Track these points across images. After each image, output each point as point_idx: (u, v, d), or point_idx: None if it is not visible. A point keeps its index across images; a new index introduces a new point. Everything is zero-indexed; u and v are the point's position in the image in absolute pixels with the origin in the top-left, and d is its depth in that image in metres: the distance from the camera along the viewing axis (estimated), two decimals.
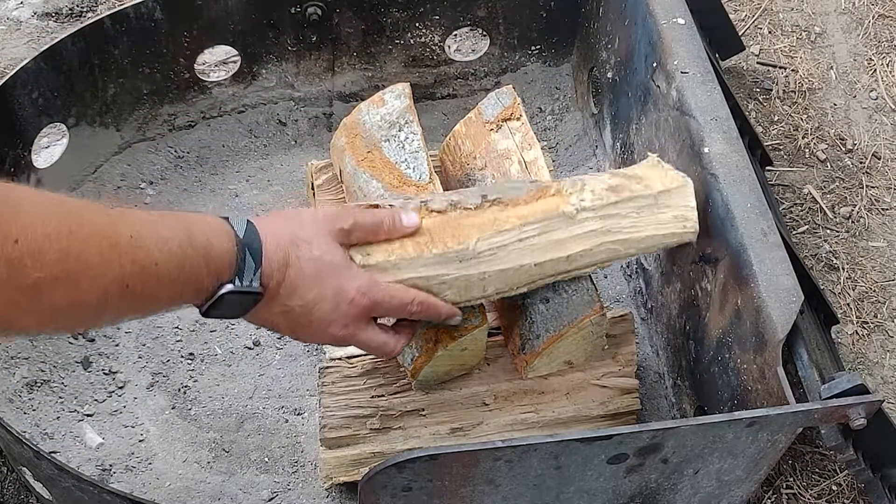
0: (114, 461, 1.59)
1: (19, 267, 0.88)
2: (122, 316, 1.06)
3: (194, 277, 1.07)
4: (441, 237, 1.35)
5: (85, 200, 1.00)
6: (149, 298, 1.03)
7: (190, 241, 1.05)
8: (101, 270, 0.96)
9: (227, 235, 1.10)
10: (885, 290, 1.91)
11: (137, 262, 0.99)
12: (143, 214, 1.04)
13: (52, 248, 0.90)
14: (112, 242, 0.97)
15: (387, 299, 1.26)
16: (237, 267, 1.10)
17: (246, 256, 1.10)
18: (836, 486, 1.68)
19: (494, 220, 1.37)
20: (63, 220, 0.92)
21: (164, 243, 1.02)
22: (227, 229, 1.11)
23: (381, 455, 1.51)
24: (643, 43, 1.67)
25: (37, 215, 0.90)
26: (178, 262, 1.03)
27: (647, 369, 1.72)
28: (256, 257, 1.11)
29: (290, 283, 1.16)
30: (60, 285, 0.92)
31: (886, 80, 2.22)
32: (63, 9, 2.27)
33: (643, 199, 1.43)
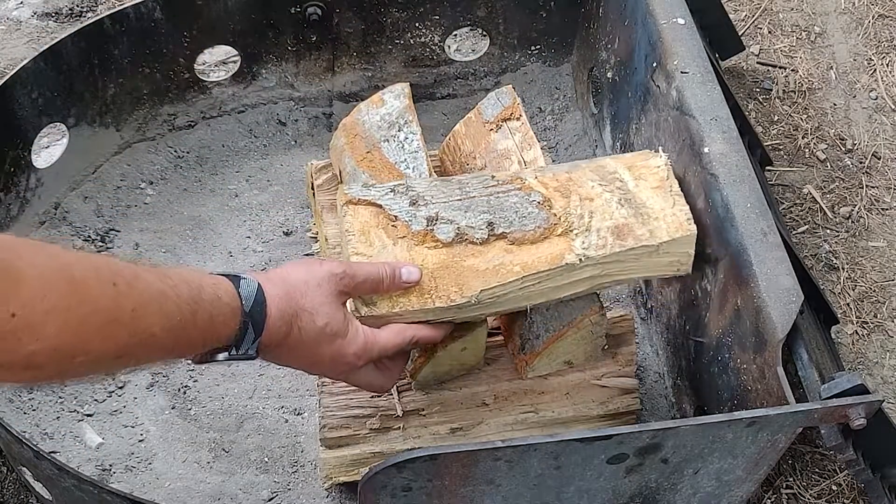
0: (114, 461, 1.59)
1: (13, 340, 0.86)
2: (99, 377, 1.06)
3: (189, 348, 1.10)
4: (445, 287, 1.35)
5: (94, 261, 0.97)
6: (138, 363, 1.04)
7: (194, 319, 1.05)
8: (97, 346, 0.94)
9: (233, 313, 1.12)
10: (884, 290, 1.91)
11: (136, 335, 0.98)
12: (155, 283, 1.02)
13: (49, 323, 0.88)
14: (113, 318, 0.95)
15: (383, 353, 1.33)
16: (237, 338, 1.14)
17: (248, 329, 1.14)
18: (836, 486, 1.68)
19: (499, 267, 1.37)
20: (65, 296, 0.90)
21: (166, 320, 1.02)
22: (235, 305, 1.12)
23: (381, 455, 1.51)
24: (643, 43, 1.67)
25: (38, 288, 0.88)
26: (175, 337, 1.04)
27: (647, 369, 1.72)
28: (258, 329, 1.15)
29: (287, 348, 1.21)
30: (54, 357, 0.91)
31: (886, 80, 2.22)
32: (63, 9, 2.27)
33: (646, 248, 1.42)
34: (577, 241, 1.40)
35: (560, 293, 1.43)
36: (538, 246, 1.39)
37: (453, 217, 1.39)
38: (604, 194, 1.45)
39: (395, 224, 1.38)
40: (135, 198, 1.89)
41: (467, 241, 1.38)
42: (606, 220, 1.42)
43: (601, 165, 1.50)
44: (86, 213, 1.85)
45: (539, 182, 1.46)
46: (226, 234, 1.87)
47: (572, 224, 1.41)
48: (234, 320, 1.12)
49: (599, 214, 1.43)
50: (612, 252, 1.41)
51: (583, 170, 1.49)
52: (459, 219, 1.39)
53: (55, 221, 1.83)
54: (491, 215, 1.40)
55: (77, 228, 1.83)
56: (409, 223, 1.38)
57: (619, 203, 1.44)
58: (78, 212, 1.84)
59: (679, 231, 1.43)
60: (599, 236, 1.41)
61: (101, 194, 1.87)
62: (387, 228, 1.38)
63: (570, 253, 1.39)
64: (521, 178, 1.46)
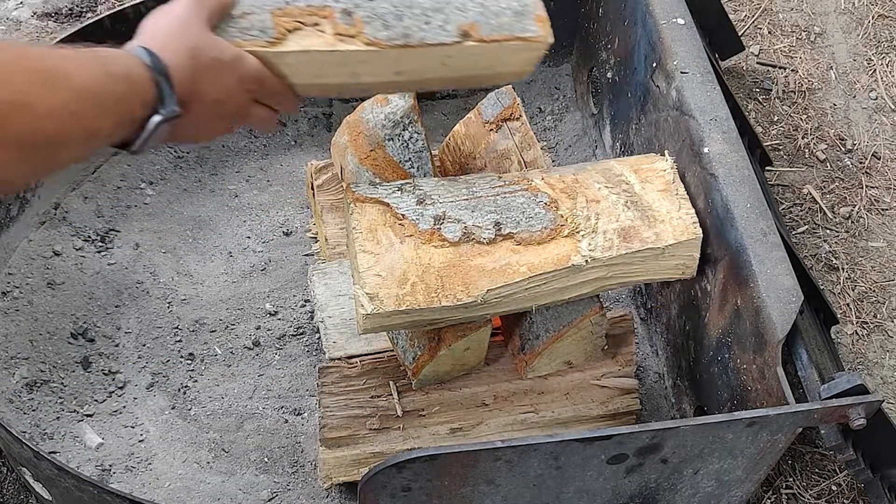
0: (114, 461, 1.59)
1: None
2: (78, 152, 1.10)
3: (126, 105, 1.12)
4: (452, 285, 1.35)
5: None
6: (93, 128, 1.08)
7: (110, 70, 1.10)
8: (47, 95, 1.01)
9: (139, 64, 1.14)
10: (884, 290, 1.91)
11: (72, 88, 1.04)
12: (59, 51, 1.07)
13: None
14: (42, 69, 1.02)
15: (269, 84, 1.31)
16: (157, 95, 1.15)
17: (162, 81, 1.15)
18: (836, 486, 1.68)
19: (505, 267, 1.37)
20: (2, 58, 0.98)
21: (88, 71, 1.07)
22: (136, 58, 1.15)
23: (381, 455, 1.51)
24: (643, 43, 1.67)
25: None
26: (108, 89, 1.08)
27: (647, 369, 1.72)
28: (169, 80, 1.16)
29: (199, 93, 1.21)
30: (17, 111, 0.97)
31: (886, 80, 2.22)
32: (63, 9, 2.27)
33: (652, 251, 1.43)
34: (583, 243, 1.40)
35: (566, 294, 1.43)
36: (545, 247, 1.39)
37: (460, 216, 1.39)
38: (610, 196, 1.45)
39: (403, 222, 1.38)
40: (135, 198, 1.89)
41: (474, 241, 1.38)
42: (613, 222, 1.43)
43: (607, 168, 1.50)
44: (86, 213, 1.85)
45: (546, 183, 1.46)
46: (226, 234, 1.87)
47: (579, 225, 1.41)
48: (145, 75, 1.14)
49: (606, 216, 1.43)
50: (619, 254, 1.41)
51: (589, 172, 1.49)
52: (466, 218, 1.39)
53: (55, 221, 1.83)
54: (498, 215, 1.40)
55: (77, 228, 1.83)
56: (416, 222, 1.38)
57: (626, 205, 1.44)
58: (78, 212, 1.84)
59: (685, 234, 1.43)
60: (606, 238, 1.41)
61: (101, 194, 1.87)
62: (394, 227, 1.38)
63: (576, 254, 1.39)
64: (528, 179, 1.46)
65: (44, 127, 1.01)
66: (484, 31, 1.36)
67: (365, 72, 1.36)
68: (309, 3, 1.33)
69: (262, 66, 1.29)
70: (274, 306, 1.77)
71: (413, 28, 1.35)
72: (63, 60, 1.05)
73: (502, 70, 1.43)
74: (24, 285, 1.75)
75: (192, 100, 1.20)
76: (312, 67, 1.32)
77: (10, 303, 1.72)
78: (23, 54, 1.03)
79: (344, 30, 1.32)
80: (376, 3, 1.35)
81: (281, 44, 1.29)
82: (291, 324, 1.75)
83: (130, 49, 1.16)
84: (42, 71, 1.02)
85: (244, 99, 1.29)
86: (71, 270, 1.78)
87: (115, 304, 1.75)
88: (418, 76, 1.39)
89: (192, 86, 1.20)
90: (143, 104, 1.14)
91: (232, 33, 1.28)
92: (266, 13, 1.30)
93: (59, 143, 1.05)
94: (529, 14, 1.39)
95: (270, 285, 1.80)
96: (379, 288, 1.33)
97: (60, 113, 1.02)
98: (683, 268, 1.47)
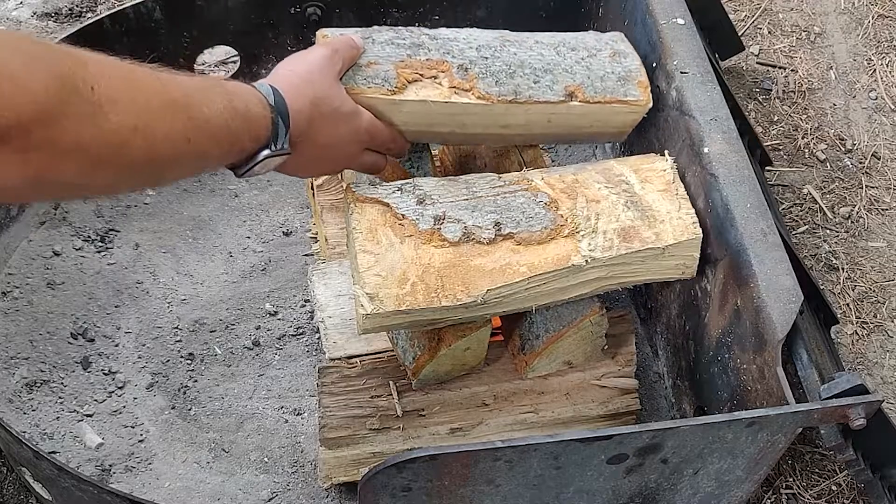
0: (114, 461, 1.59)
1: (101, 114, 0.95)
2: (182, 174, 1.16)
3: (238, 138, 1.18)
4: (452, 285, 1.35)
5: (131, 62, 1.06)
6: (203, 155, 1.13)
7: (232, 105, 1.15)
8: (168, 123, 1.04)
9: (261, 103, 1.21)
10: (884, 290, 1.91)
11: (193, 118, 1.08)
12: (188, 79, 1.12)
13: (123, 97, 0.98)
14: (170, 99, 1.06)
15: (380, 136, 1.42)
16: (272, 132, 1.22)
17: (279, 121, 1.23)
18: (836, 486, 1.68)
19: (505, 267, 1.37)
20: (126, 78, 1.01)
21: (211, 104, 1.12)
22: (260, 97, 1.22)
23: (381, 455, 1.51)
24: (643, 43, 1.67)
25: (103, 68, 0.98)
26: (224, 122, 1.14)
27: (647, 369, 1.72)
28: (286, 121, 1.24)
29: (311, 136, 1.30)
30: (139, 136, 1.00)
31: (886, 80, 2.22)
32: (63, 9, 2.27)
33: (652, 251, 1.43)
34: (583, 243, 1.40)
35: (566, 294, 1.43)
36: (545, 247, 1.39)
37: (460, 216, 1.39)
38: (610, 196, 1.45)
39: (403, 223, 1.38)
40: (135, 198, 1.89)
41: (474, 241, 1.38)
42: (613, 222, 1.43)
43: (607, 168, 1.50)
44: (86, 213, 1.85)
45: (546, 183, 1.46)
46: (226, 234, 1.87)
47: (579, 225, 1.41)
48: (265, 112, 1.21)
49: (606, 216, 1.43)
50: (619, 254, 1.41)
51: (589, 172, 1.49)
52: (466, 218, 1.39)
53: (55, 221, 1.83)
54: (498, 215, 1.40)
55: (77, 228, 1.83)
56: (416, 222, 1.38)
57: (626, 205, 1.44)
58: (78, 212, 1.84)
59: (685, 234, 1.44)
60: (606, 238, 1.41)
61: None
62: (394, 227, 1.38)
63: (576, 254, 1.39)
64: (528, 179, 1.47)
65: (158, 152, 1.04)
66: (589, 92, 1.50)
67: (473, 123, 1.48)
68: (429, 58, 1.46)
69: (375, 120, 1.41)
70: (274, 306, 1.77)
71: (523, 86, 1.47)
72: (189, 89, 1.10)
73: (602, 130, 1.56)
74: (24, 285, 1.75)
75: (304, 142, 1.28)
76: (427, 116, 1.45)
77: (10, 303, 1.72)
78: (153, 79, 1.06)
79: (459, 83, 1.45)
80: (490, 62, 1.48)
81: (401, 93, 1.42)
82: (291, 324, 1.75)
83: (260, 85, 1.24)
84: (169, 100, 1.06)
85: (355, 148, 1.40)
86: (71, 270, 1.78)
87: (115, 304, 1.75)
88: (524, 130, 1.52)
89: (308, 130, 1.29)
90: (254, 139, 1.21)
91: (358, 81, 1.40)
92: (390, 64, 1.43)
93: (168, 166, 1.09)
94: (633, 79, 1.53)
95: (270, 285, 1.80)
96: (379, 288, 1.33)
97: (177, 140, 1.07)
98: (683, 268, 1.47)
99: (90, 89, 0.94)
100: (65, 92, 0.92)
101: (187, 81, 1.12)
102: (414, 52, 1.46)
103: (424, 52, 1.46)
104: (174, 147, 1.06)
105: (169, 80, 1.09)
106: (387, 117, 1.43)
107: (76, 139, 0.94)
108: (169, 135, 1.05)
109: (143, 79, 1.04)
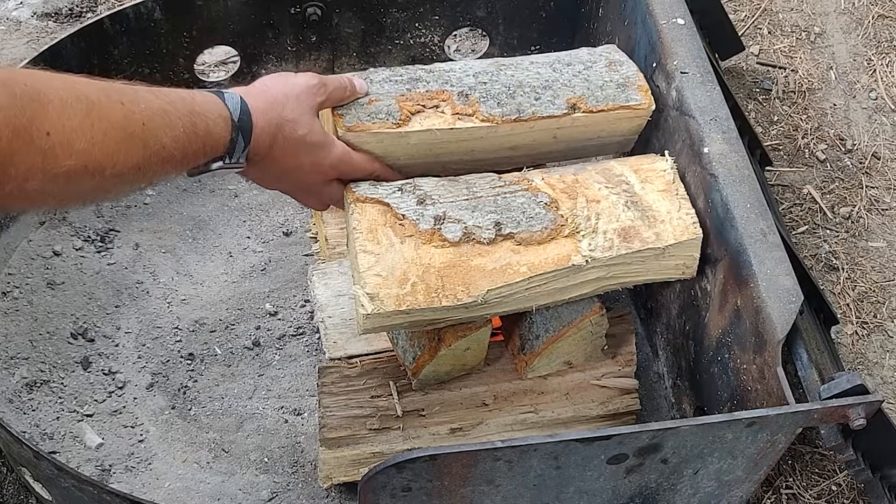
0: (113, 461, 1.59)
1: (52, 157, 0.99)
2: (127, 193, 1.20)
3: (193, 159, 1.21)
4: (452, 285, 1.35)
5: (102, 85, 1.09)
6: (152, 176, 1.16)
7: (194, 129, 1.17)
8: (121, 159, 1.07)
9: (225, 122, 1.22)
10: (884, 290, 1.91)
11: (149, 148, 1.11)
12: (155, 101, 1.14)
13: (78, 139, 1.02)
14: (129, 133, 1.08)
15: (352, 172, 1.42)
16: (229, 148, 1.24)
17: (238, 138, 1.24)
18: (836, 486, 1.68)
19: (506, 267, 1.37)
20: (86, 115, 1.03)
21: (171, 131, 1.14)
22: (226, 115, 1.23)
23: (381, 455, 1.51)
24: (643, 43, 1.67)
25: (63, 109, 1.01)
26: (181, 147, 1.16)
27: (647, 369, 1.72)
28: (247, 138, 1.25)
29: (272, 157, 1.31)
30: (88, 174, 1.03)
31: (886, 80, 2.22)
32: (63, 9, 2.27)
33: (652, 251, 1.43)
34: (583, 243, 1.40)
35: (566, 294, 1.43)
36: (545, 247, 1.39)
37: (461, 216, 1.39)
38: (610, 196, 1.45)
39: (403, 223, 1.38)
40: (135, 198, 1.89)
41: (474, 241, 1.38)
42: (613, 222, 1.43)
43: (607, 168, 1.50)
44: (86, 213, 1.85)
45: (546, 183, 1.46)
46: (226, 234, 1.87)
47: (579, 225, 1.41)
48: (226, 130, 1.22)
49: (606, 216, 1.43)
50: (619, 254, 1.41)
51: (589, 172, 1.49)
52: (467, 218, 1.39)
53: (55, 221, 1.83)
54: (498, 215, 1.40)
55: (77, 228, 1.83)
56: (416, 222, 1.38)
57: (626, 206, 1.44)
58: (78, 212, 1.84)
59: (685, 234, 1.44)
60: (606, 238, 1.41)
61: None
62: (394, 227, 1.38)
63: (576, 254, 1.39)
64: (528, 179, 1.47)
65: (106, 184, 1.08)
66: (591, 102, 1.51)
67: (481, 148, 1.49)
68: (428, 89, 1.47)
69: (350, 157, 1.40)
70: (274, 306, 1.77)
71: (525, 104, 1.49)
72: (153, 114, 1.12)
73: (609, 139, 1.56)
74: (24, 285, 1.75)
75: (264, 160, 1.30)
76: (433, 146, 1.46)
77: (10, 303, 1.72)
78: (115, 109, 1.07)
79: (461, 109, 1.47)
80: (489, 86, 1.50)
81: (406, 125, 1.43)
82: (291, 324, 1.75)
83: (230, 97, 1.24)
84: (127, 134, 1.08)
85: (315, 179, 1.39)
86: (71, 270, 1.78)
87: (115, 304, 1.75)
88: (531, 150, 1.52)
89: (270, 151, 1.30)
90: (210, 154, 1.23)
91: (362, 118, 1.42)
92: (391, 99, 1.45)
93: (116, 191, 1.13)
94: (632, 85, 1.55)
95: (270, 285, 1.80)
96: (379, 288, 1.33)
97: (127, 171, 1.09)
98: (683, 268, 1.47)
99: (45, 135, 0.98)
100: (17, 143, 0.96)
101: (153, 103, 1.13)
102: (413, 85, 1.47)
103: (423, 84, 1.48)
104: (123, 178, 1.09)
105: (133, 103, 1.10)
106: (394, 152, 1.44)
107: (21, 185, 0.98)
108: (120, 168, 1.07)
109: (104, 111, 1.06)
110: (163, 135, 1.12)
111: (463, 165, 1.51)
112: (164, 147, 1.13)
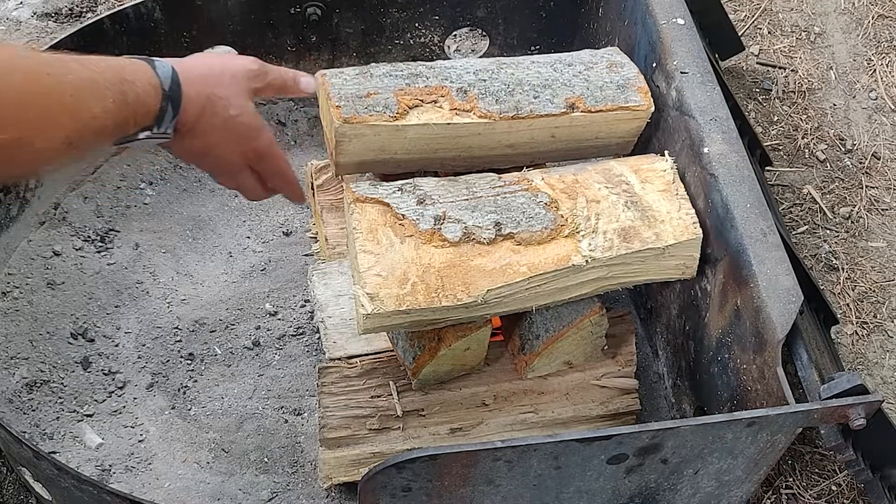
0: (113, 461, 1.59)
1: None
2: (60, 165, 1.17)
3: (123, 128, 1.19)
4: (452, 285, 1.35)
5: (25, 57, 1.08)
6: (83, 148, 1.14)
7: (124, 98, 1.16)
8: (50, 132, 1.07)
9: (155, 90, 1.21)
10: (884, 290, 1.91)
11: (78, 119, 1.10)
12: (83, 71, 1.12)
13: (9, 115, 1.01)
14: (56, 103, 1.07)
15: (272, 166, 1.40)
16: (157, 117, 1.23)
17: (168, 108, 1.23)
18: (836, 487, 1.68)
19: (506, 267, 1.37)
20: (17, 89, 1.02)
21: (101, 101, 1.12)
22: (156, 83, 1.21)
23: (381, 455, 1.51)
24: (643, 43, 1.67)
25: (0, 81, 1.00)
26: (111, 116, 1.14)
27: (647, 369, 1.72)
28: (176, 109, 1.24)
29: (198, 130, 1.30)
30: (21, 146, 1.03)
31: (886, 80, 2.22)
32: (63, 9, 2.27)
33: (652, 251, 1.43)
34: (583, 243, 1.40)
35: (566, 294, 1.43)
36: (545, 247, 1.40)
37: (461, 216, 1.39)
38: (610, 196, 1.45)
39: (403, 222, 1.38)
40: (135, 198, 1.89)
41: (474, 241, 1.38)
42: (613, 222, 1.43)
43: (607, 168, 1.50)
44: (86, 213, 1.85)
45: (546, 183, 1.46)
46: (226, 234, 1.87)
47: (579, 226, 1.41)
48: (156, 99, 1.21)
49: (606, 216, 1.43)
50: (619, 254, 1.41)
51: (589, 172, 1.49)
52: (467, 218, 1.39)
53: (55, 221, 1.83)
54: (498, 215, 1.40)
55: (77, 229, 1.83)
56: (416, 222, 1.38)
57: (626, 206, 1.44)
58: (78, 212, 1.84)
59: (685, 234, 1.44)
60: (606, 238, 1.41)
61: (100, 194, 1.87)
62: (394, 227, 1.38)
63: (576, 254, 1.39)
64: (528, 179, 1.47)
65: (35, 158, 1.08)
66: (589, 102, 1.51)
67: (478, 145, 1.49)
68: (427, 84, 1.47)
69: (275, 149, 1.38)
70: (274, 306, 1.77)
71: (523, 102, 1.49)
72: (82, 83, 1.10)
73: (607, 140, 1.56)
74: (24, 285, 1.75)
75: (190, 132, 1.28)
76: (430, 141, 1.46)
77: (10, 303, 1.72)
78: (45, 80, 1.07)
79: (460, 105, 1.46)
80: (489, 83, 1.50)
81: (403, 118, 1.43)
82: (291, 324, 1.75)
83: (161, 66, 1.23)
84: (57, 105, 1.07)
85: (236, 160, 1.36)
86: (71, 270, 1.78)
87: (115, 304, 1.75)
88: (529, 148, 1.52)
89: (197, 123, 1.28)
90: (138, 124, 1.21)
91: (359, 110, 1.42)
92: (389, 93, 1.45)
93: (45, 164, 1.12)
94: (632, 86, 1.55)
95: (270, 285, 1.80)
96: (379, 288, 1.33)
97: (57, 144, 1.08)
98: (683, 268, 1.48)
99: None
100: None
101: (82, 73, 1.12)
102: (412, 80, 1.48)
103: (422, 80, 1.48)
104: (54, 150, 1.09)
105: (61, 74, 1.09)
106: (391, 146, 1.44)
107: None
108: (49, 140, 1.07)
109: (35, 83, 1.05)
110: (93, 105, 1.11)
111: (461, 163, 1.51)
112: (95, 117, 1.12)
